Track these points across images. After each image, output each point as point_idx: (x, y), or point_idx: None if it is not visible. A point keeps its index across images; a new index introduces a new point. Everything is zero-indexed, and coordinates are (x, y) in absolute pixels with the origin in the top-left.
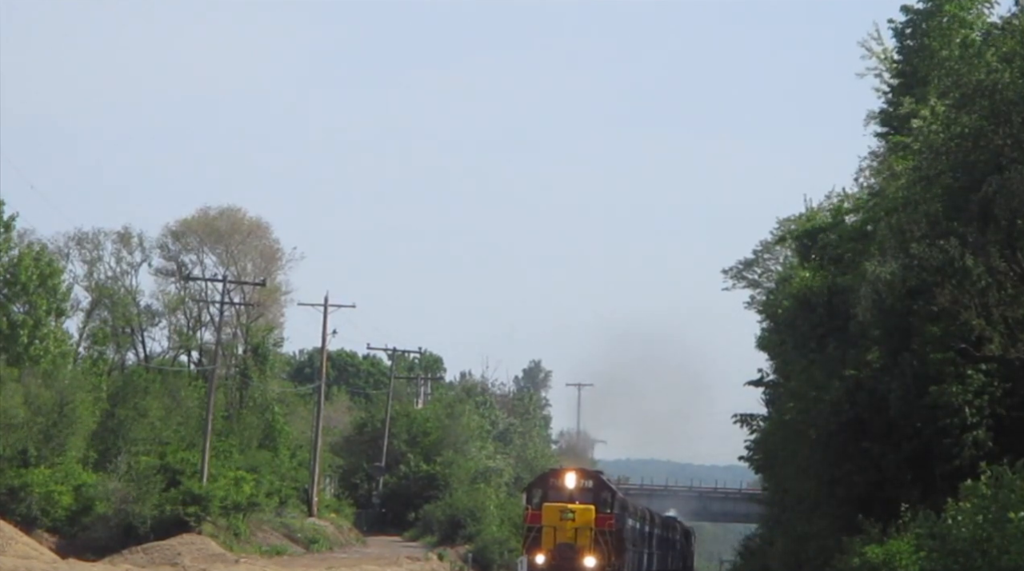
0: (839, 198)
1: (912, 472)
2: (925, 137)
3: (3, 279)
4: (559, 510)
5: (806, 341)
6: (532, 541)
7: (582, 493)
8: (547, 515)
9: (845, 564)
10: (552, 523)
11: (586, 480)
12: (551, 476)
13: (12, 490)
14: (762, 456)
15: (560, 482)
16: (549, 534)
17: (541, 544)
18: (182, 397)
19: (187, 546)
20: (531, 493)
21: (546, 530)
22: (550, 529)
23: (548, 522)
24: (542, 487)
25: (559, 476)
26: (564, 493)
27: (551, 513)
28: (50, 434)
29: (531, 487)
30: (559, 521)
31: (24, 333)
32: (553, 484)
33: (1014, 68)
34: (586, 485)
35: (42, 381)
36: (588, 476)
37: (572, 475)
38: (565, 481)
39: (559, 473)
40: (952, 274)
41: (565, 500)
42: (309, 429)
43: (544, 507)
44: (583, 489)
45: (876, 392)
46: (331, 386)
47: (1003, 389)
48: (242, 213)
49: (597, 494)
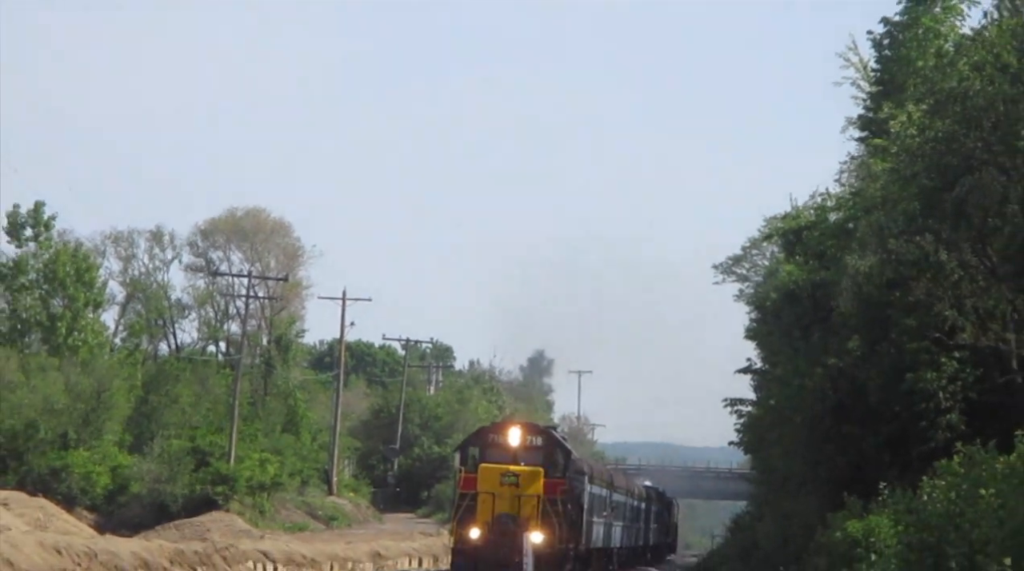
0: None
1: (890, 453)
2: (902, 141)
3: (43, 275)
4: (499, 473)
5: (791, 331)
6: (465, 511)
7: (528, 452)
8: (485, 479)
9: (828, 538)
10: (490, 489)
11: (534, 436)
12: (490, 431)
13: (54, 471)
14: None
15: (502, 438)
16: (486, 503)
17: (476, 515)
18: (211, 385)
19: (216, 523)
20: (466, 452)
21: (482, 498)
22: (487, 496)
23: (485, 488)
24: (480, 444)
25: (500, 431)
26: (506, 452)
27: (489, 476)
28: (89, 419)
29: (466, 444)
30: (499, 487)
31: (63, 325)
32: (493, 441)
33: (984, 76)
34: (534, 443)
35: (81, 369)
36: (537, 432)
37: (516, 430)
38: (508, 437)
39: (500, 427)
40: (927, 268)
41: (507, 461)
42: (329, 414)
43: (481, 469)
44: (530, 448)
45: (856, 379)
46: (349, 374)
47: (974, 375)
48: (266, 213)
49: (548, 454)
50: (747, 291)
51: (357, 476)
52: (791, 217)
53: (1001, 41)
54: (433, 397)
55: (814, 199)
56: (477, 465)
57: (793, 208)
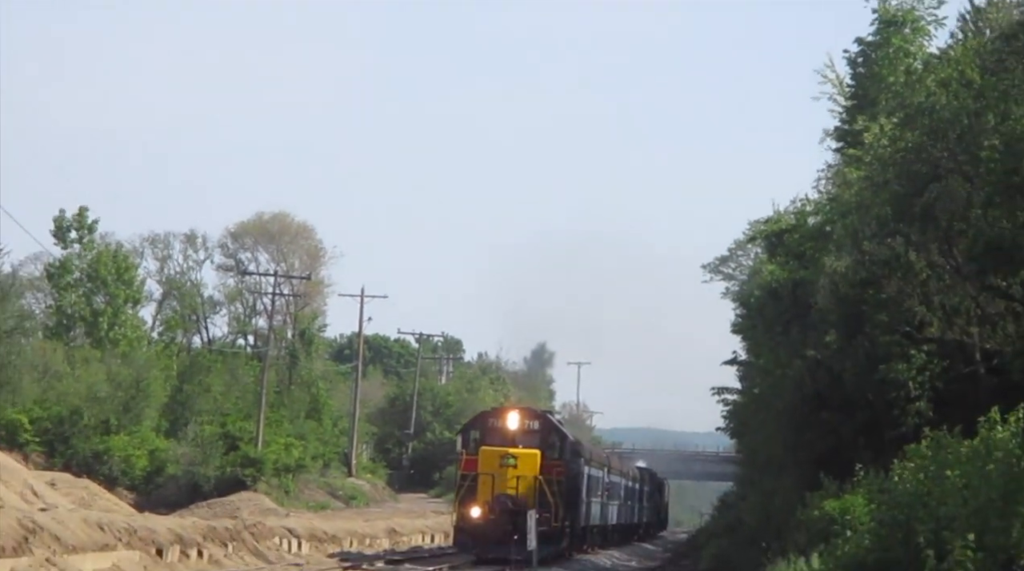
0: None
1: (864, 438)
2: (874, 150)
3: (86, 274)
4: (498, 455)
5: (773, 326)
6: (466, 492)
7: (526, 436)
8: (485, 461)
9: (807, 516)
10: (490, 470)
11: (532, 421)
12: (490, 415)
13: (97, 454)
14: (736, 424)
15: (501, 422)
16: (486, 483)
17: (476, 495)
18: (240, 375)
19: (245, 502)
20: (467, 435)
21: (483, 479)
22: (487, 477)
23: (485, 469)
24: (480, 428)
25: (499, 415)
26: (505, 435)
27: (490, 459)
28: (128, 406)
29: (467, 428)
30: (498, 468)
31: (105, 320)
32: (492, 425)
33: (949, 92)
34: (531, 426)
35: (121, 361)
36: (534, 416)
37: (515, 414)
38: (506, 421)
39: (499, 412)
40: (898, 268)
41: (506, 444)
42: (348, 402)
43: (481, 451)
44: (528, 431)
45: (833, 370)
46: (367, 365)
47: (941, 366)
48: (290, 217)
49: (545, 437)
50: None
51: (374, 459)
52: (773, 221)
53: (965, 59)
54: (444, 386)
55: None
56: (478, 448)
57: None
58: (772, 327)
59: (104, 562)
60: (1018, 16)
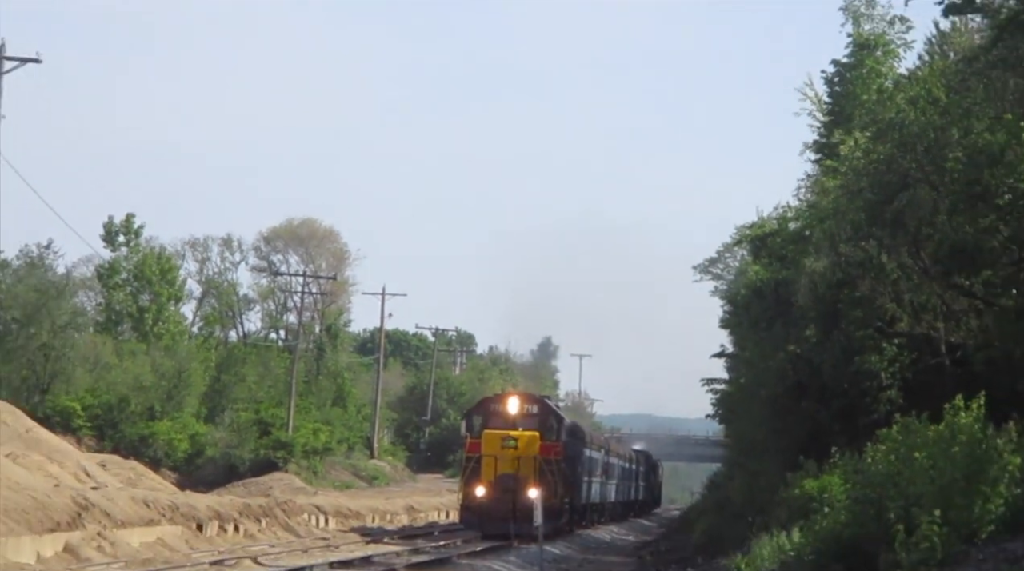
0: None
1: (840, 423)
2: (849, 162)
3: (133, 274)
4: (500, 438)
5: (758, 322)
6: (471, 472)
7: (526, 419)
8: (488, 443)
9: (788, 494)
10: (493, 452)
11: (531, 405)
12: (492, 401)
13: (142, 438)
14: (724, 411)
15: (502, 407)
16: (489, 464)
17: (481, 475)
18: (272, 366)
19: (276, 481)
20: (471, 420)
21: (486, 460)
22: (490, 459)
23: (489, 451)
24: (483, 413)
25: (501, 401)
26: (506, 419)
27: (492, 441)
28: (171, 395)
29: (471, 413)
30: (500, 450)
31: (149, 316)
32: (494, 410)
33: (917, 109)
34: (531, 410)
35: (164, 354)
36: (533, 401)
37: (515, 399)
38: (507, 406)
39: (501, 397)
40: (871, 269)
41: (508, 427)
42: (371, 391)
43: (484, 434)
44: (527, 415)
45: (812, 362)
46: (388, 357)
47: (910, 358)
48: (318, 222)
49: (543, 420)
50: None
51: (394, 443)
52: (758, 225)
53: (931, 79)
54: (458, 376)
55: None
56: (481, 431)
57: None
58: (757, 323)
59: (150, 536)
60: (979, 41)
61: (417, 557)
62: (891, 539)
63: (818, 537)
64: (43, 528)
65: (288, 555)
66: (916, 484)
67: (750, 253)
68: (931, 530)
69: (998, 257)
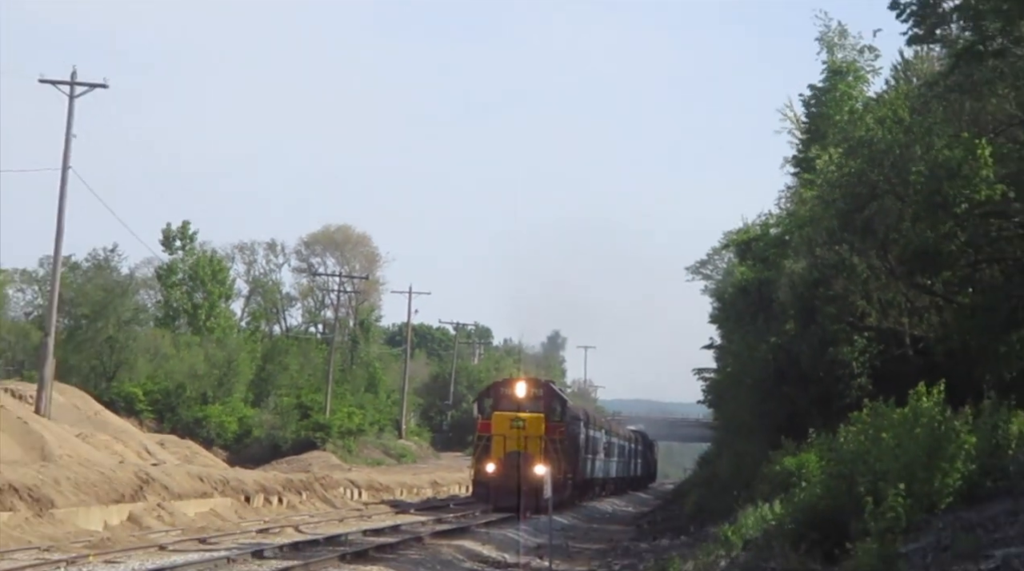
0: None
1: (816, 407)
2: (824, 175)
3: (188, 275)
4: (509, 419)
5: (743, 317)
6: (482, 450)
7: (532, 402)
8: (497, 424)
9: (770, 470)
10: (502, 432)
11: (536, 389)
12: (502, 385)
13: (196, 420)
14: (714, 396)
15: (510, 391)
16: (499, 443)
17: (491, 453)
18: (311, 357)
19: (315, 459)
20: (482, 403)
21: (496, 439)
22: (500, 438)
23: (498, 431)
24: (493, 396)
25: (509, 385)
26: (514, 402)
27: (501, 422)
28: (222, 382)
29: (482, 396)
30: (509, 430)
31: (203, 312)
32: (504, 393)
33: (884, 128)
34: (536, 394)
35: (216, 345)
36: (538, 385)
37: (522, 384)
38: (515, 390)
39: (510, 382)
40: (843, 270)
41: (515, 409)
42: (399, 378)
43: (494, 416)
44: (533, 398)
45: (791, 352)
46: (414, 349)
47: (878, 349)
48: (352, 228)
49: (547, 403)
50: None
51: (420, 424)
52: (743, 231)
53: (897, 101)
54: (476, 366)
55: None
56: (491, 413)
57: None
58: (742, 318)
59: (203, 507)
60: (939, 68)
61: (440, 526)
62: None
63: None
64: (109, 499)
65: (326, 524)
66: (883, 461)
67: (736, 256)
68: (896, 501)
69: (956, 259)
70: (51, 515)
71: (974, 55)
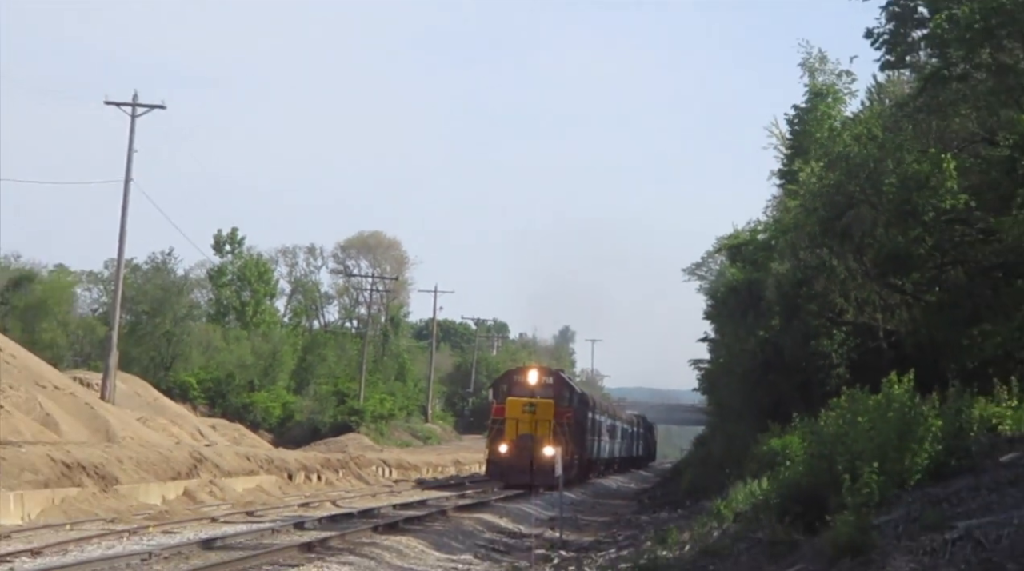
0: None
1: (799, 394)
2: (806, 186)
3: (237, 276)
4: (522, 404)
5: (734, 313)
6: (496, 432)
7: (543, 389)
8: (511, 408)
9: (758, 450)
10: (515, 416)
11: (547, 377)
12: (515, 373)
13: (244, 405)
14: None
15: (523, 378)
16: (512, 426)
17: (504, 435)
18: (347, 349)
19: (351, 440)
20: (497, 389)
21: (509, 422)
22: (513, 421)
23: (511, 415)
24: (507, 383)
25: (523, 373)
26: (527, 389)
27: (514, 407)
28: (267, 371)
29: (497, 383)
30: (521, 414)
31: (250, 309)
32: (517, 380)
33: (860, 144)
34: (547, 381)
35: (261, 339)
36: (549, 374)
37: (534, 372)
38: (528, 378)
39: (523, 370)
40: (824, 271)
41: (527, 395)
42: (425, 368)
43: (508, 401)
44: (544, 385)
45: (777, 345)
46: (439, 342)
47: (855, 342)
48: (383, 234)
49: (557, 390)
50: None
51: (444, 410)
52: (733, 236)
53: (871, 121)
54: (495, 357)
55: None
56: (505, 398)
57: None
58: (733, 314)
59: (251, 483)
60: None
61: (462, 500)
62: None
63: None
64: (167, 476)
65: (360, 499)
66: (859, 442)
67: (728, 258)
68: (871, 479)
69: (924, 262)
70: (115, 490)
71: (940, 79)
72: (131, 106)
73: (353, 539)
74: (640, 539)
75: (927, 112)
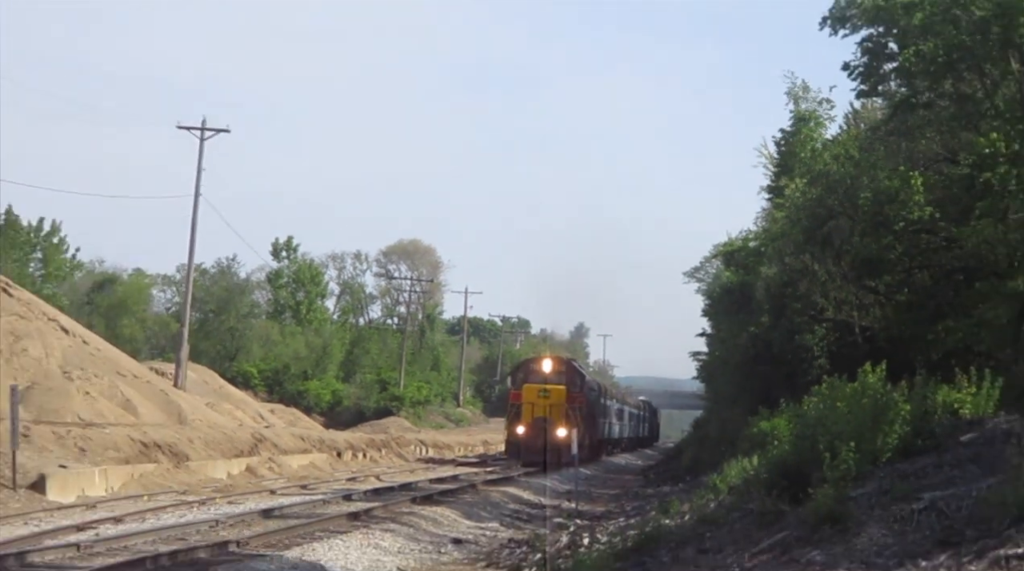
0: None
1: (786, 382)
2: (792, 200)
3: (292, 278)
4: (537, 390)
5: (728, 311)
6: (514, 416)
7: (556, 376)
8: (527, 394)
9: (750, 432)
10: (531, 400)
11: (560, 365)
12: (531, 362)
13: (299, 392)
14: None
15: (538, 366)
16: (528, 410)
17: (521, 418)
18: (388, 343)
19: (392, 423)
20: (515, 376)
21: (525, 406)
22: (529, 405)
23: (527, 400)
24: (524, 371)
25: (538, 362)
26: (541, 376)
27: (530, 392)
28: (319, 362)
29: (515, 371)
30: (536, 399)
31: (303, 307)
32: (532, 368)
33: (839, 163)
34: (560, 369)
35: (314, 334)
36: (562, 362)
37: (548, 361)
38: (542, 366)
39: (538, 359)
40: (807, 274)
41: (542, 382)
42: (458, 360)
43: (524, 387)
44: (557, 372)
45: (766, 339)
46: (469, 337)
47: (834, 336)
48: (420, 242)
49: (569, 377)
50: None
51: (474, 396)
52: (728, 244)
53: (848, 143)
54: (518, 350)
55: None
56: (522, 384)
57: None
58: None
59: (304, 460)
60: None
61: (490, 476)
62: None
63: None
64: (231, 454)
65: (400, 474)
66: (838, 424)
67: (723, 263)
68: (848, 456)
69: (894, 266)
70: (186, 466)
71: (908, 106)
72: (200, 130)
73: (394, 509)
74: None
75: (897, 135)
